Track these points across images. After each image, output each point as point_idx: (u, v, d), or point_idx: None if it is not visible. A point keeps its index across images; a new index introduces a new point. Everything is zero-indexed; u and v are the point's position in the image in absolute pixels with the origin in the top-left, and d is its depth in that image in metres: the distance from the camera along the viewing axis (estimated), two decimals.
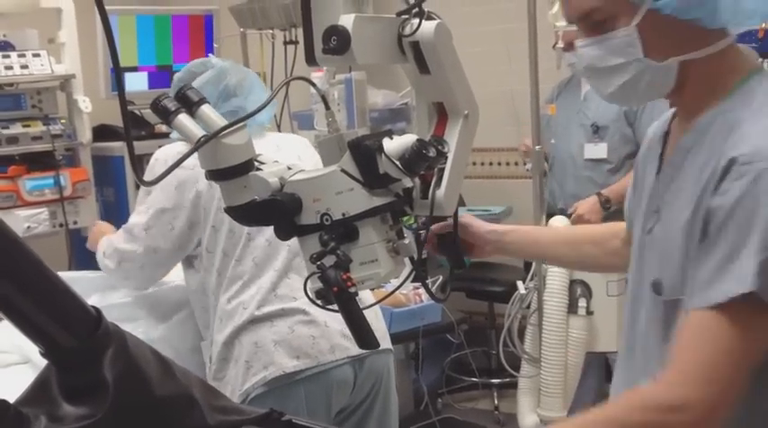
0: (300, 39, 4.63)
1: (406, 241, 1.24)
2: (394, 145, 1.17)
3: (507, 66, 4.01)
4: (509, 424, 3.95)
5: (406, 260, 1.26)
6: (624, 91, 1.21)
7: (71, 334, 1.03)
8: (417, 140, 1.16)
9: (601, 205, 3.43)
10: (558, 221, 3.26)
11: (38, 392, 1.04)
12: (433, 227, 1.43)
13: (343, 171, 1.18)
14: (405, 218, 1.26)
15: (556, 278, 3.17)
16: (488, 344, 4.44)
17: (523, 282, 3.27)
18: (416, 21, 1.19)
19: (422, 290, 3.23)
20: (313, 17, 1.17)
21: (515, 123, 4.14)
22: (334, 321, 2.00)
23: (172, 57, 3.89)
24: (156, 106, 1.18)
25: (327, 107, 1.27)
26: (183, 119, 1.17)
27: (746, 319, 1.05)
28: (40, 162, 3.29)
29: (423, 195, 1.23)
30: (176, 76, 2.17)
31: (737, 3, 1.12)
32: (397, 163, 1.15)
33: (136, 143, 3.97)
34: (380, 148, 1.16)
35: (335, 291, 1.15)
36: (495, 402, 4.23)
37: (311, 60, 1.18)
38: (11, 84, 3.28)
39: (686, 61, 1.17)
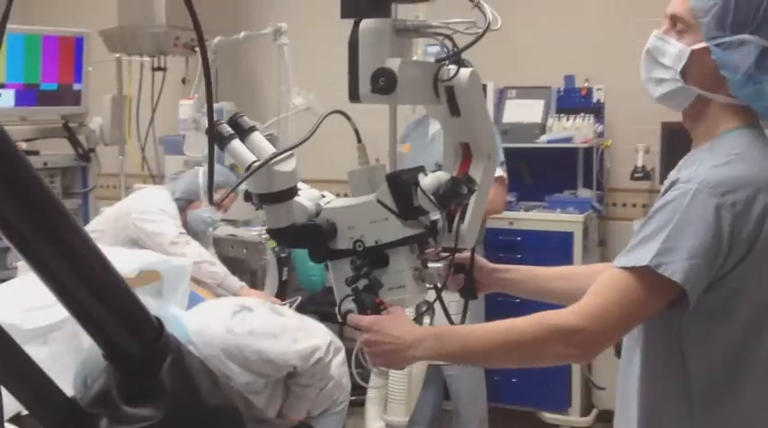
0: (169, 66, 4.61)
1: (431, 270, 1.33)
2: (428, 181, 1.27)
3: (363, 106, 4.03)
4: None
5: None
6: (649, 84, 1.44)
7: (137, 342, 1.08)
8: (451, 178, 1.26)
9: None
10: None
11: (100, 396, 1.08)
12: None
13: (379, 202, 1.27)
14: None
15: None
16: None
17: None
18: (454, 67, 1.29)
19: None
20: (360, 57, 1.26)
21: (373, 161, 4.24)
22: None
23: (40, 76, 3.85)
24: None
25: (359, 140, 1.36)
26: (237, 145, 1.24)
27: (644, 284, 1.29)
28: None
29: (447, 228, 1.32)
30: None
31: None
32: (431, 197, 1.25)
33: None
34: (417, 183, 1.26)
35: (369, 314, 1.23)
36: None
37: (354, 97, 1.27)
38: None
39: (703, 98, 1.40)
